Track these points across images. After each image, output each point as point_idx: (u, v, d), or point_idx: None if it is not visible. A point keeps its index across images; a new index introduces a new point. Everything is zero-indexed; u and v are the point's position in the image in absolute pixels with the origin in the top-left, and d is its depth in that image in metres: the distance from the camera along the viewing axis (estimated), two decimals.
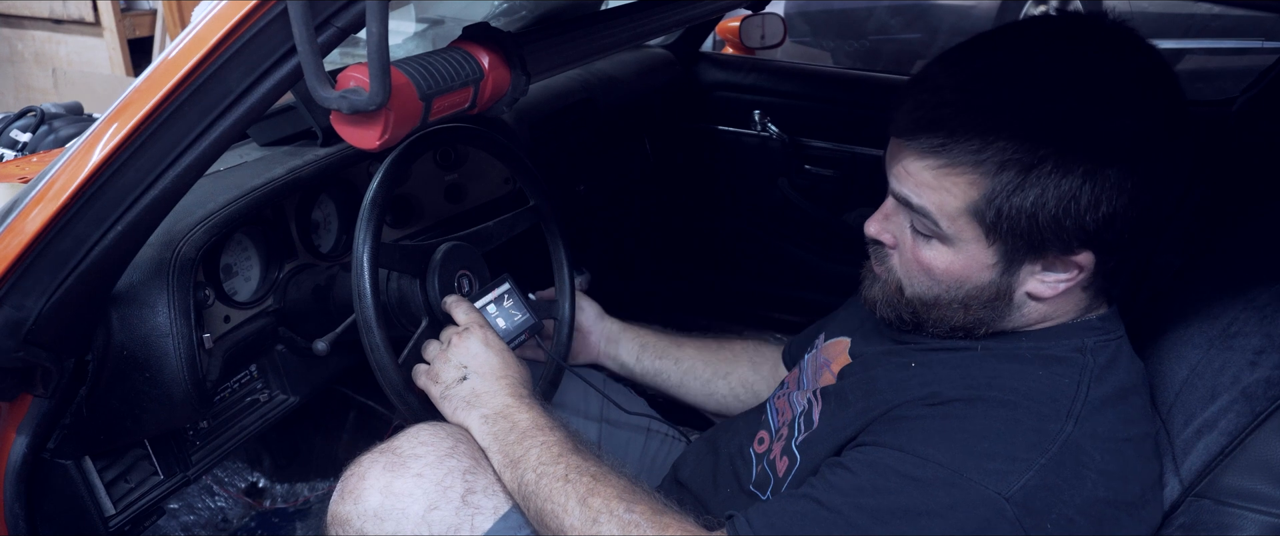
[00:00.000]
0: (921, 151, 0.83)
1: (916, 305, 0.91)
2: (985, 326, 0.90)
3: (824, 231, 2.21)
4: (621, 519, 0.87)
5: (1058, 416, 0.80)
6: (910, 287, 0.91)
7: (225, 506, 1.71)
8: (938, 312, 0.90)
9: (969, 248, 0.85)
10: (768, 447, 1.04)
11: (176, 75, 0.76)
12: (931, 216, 0.84)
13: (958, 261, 0.86)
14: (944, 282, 0.88)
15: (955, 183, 0.82)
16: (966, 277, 0.87)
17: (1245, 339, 0.86)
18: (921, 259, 0.88)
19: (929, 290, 0.90)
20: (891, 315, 0.95)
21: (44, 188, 0.84)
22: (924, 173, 0.83)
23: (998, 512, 0.77)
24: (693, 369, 1.32)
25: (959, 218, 0.83)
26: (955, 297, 0.88)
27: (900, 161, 0.86)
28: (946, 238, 0.85)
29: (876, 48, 4.27)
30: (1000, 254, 0.84)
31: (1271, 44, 3.50)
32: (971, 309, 0.88)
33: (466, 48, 0.91)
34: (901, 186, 0.87)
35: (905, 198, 0.86)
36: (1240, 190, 1.43)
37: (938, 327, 0.91)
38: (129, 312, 0.98)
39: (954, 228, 0.84)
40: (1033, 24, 0.88)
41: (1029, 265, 0.85)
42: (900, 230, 0.91)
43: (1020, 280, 0.86)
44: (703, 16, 1.91)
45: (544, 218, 1.29)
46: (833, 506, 0.82)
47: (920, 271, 0.89)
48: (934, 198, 0.83)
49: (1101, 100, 0.78)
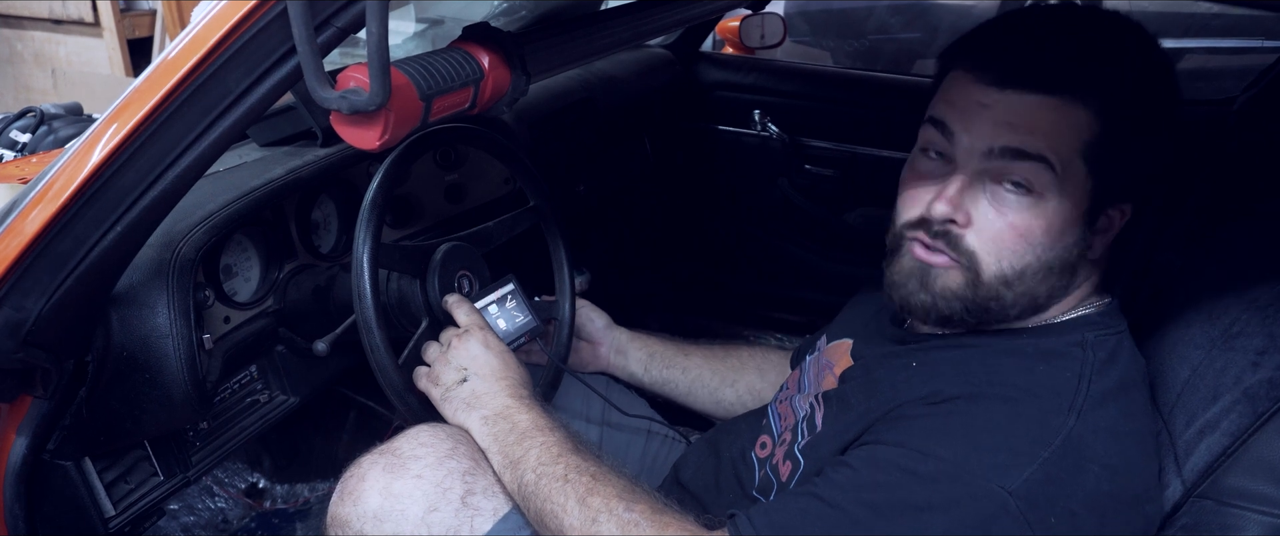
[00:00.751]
0: (1033, 92, 0.83)
1: (998, 286, 0.87)
2: (1053, 298, 0.90)
3: (824, 231, 2.20)
4: (621, 518, 0.87)
5: (1060, 410, 0.80)
6: (996, 264, 0.86)
7: (225, 507, 1.71)
8: (1022, 286, 0.87)
9: (1073, 194, 0.85)
10: (770, 452, 1.04)
11: (176, 75, 0.75)
12: (1049, 160, 0.83)
13: (1060, 213, 0.85)
14: (1041, 244, 0.86)
15: (1074, 119, 0.83)
16: (1063, 232, 0.86)
17: (1247, 339, 0.86)
18: (1017, 223, 0.85)
19: (1021, 259, 0.86)
20: (958, 308, 0.89)
21: (43, 188, 0.84)
22: (1038, 112, 0.83)
23: (1001, 507, 0.76)
24: (700, 377, 1.32)
25: (1073, 159, 0.84)
26: (1046, 261, 0.86)
27: (998, 112, 0.84)
28: (1051, 187, 0.84)
29: (876, 47, 4.26)
30: (1093, 200, 0.86)
31: (1272, 43, 3.49)
32: (1053, 274, 0.87)
33: (466, 48, 0.91)
34: (1005, 138, 0.84)
35: (1017, 147, 0.83)
36: (1241, 189, 1.43)
37: (1015, 307, 0.88)
38: (129, 313, 0.98)
39: (1067, 172, 0.84)
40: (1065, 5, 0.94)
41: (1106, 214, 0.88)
42: (975, 204, 0.87)
43: (1094, 236, 0.89)
44: (703, 16, 1.91)
45: (544, 218, 1.29)
46: (835, 503, 0.82)
47: (1014, 238, 0.86)
48: (1050, 141, 0.83)
49: (1166, 61, 0.87)
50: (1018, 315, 0.89)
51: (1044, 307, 0.90)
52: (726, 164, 2.26)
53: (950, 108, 0.88)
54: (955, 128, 0.87)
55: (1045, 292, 0.89)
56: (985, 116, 0.85)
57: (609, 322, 1.35)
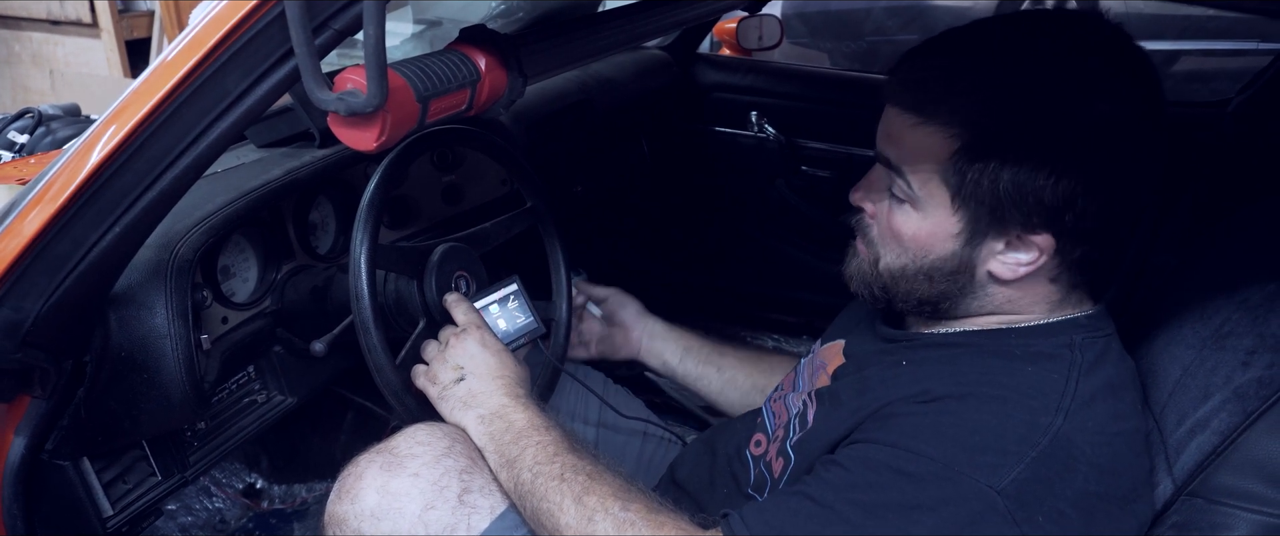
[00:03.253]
0: (903, 108, 0.88)
1: (886, 278, 0.94)
2: (950, 303, 0.92)
3: (821, 232, 2.21)
4: (617, 517, 0.87)
5: (1047, 410, 0.81)
6: (884, 259, 0.94)
7: (223, 507, 1.71)
8: (905, 285, 0.93)
9: (936, 213, 0.88)
10: (764, 450, 1.04)
11: (175, 77, 0.76)
12: (905, 174, 0.88)
13: (924, 227, 0.89)
14: (911, 250, 0.91)
15: (929, 141, 0.85)
16: (932, 246, 0.90)
17: (1238, 339, 0.87)
18: (893, 225, 0.92)
19: (898, 259, 0.93)
20: (866, 291, 0.98)
21: (42, 189, 0.84)
22: (902, 129, 0.88)
23: (990, 506, 0.77)
24: (734, 379, 1.34)
25: (930, 179, 0.87)
26: (921, 267, 0.91)
27: (885, 122, 0.91)
28: (917, 201, 0.89)
29: (873, 49, 4.27)
30: (964, 222, 0.87)
31: (1266, 45, 3.50)
32: (935, 281, 0.91)
33: (463, 50, 0.91)
34: (883, 146, 0.91)
35: (886, 156, 0.91)
36: (1235, 191, 1.43)
37: (906, 302, 0.94)
38: (127, 314, 0.98)
39: (924, 190, 0.87)
40: (1029, 14, 0.92)
41: (991, 241, 0.87)
42: (880, 199, 0.94)
43: (981, 257, 0.88)
44: (701, 18, 1.91)
45: (541, 219, 1.29)
46: (826, 502, 0.82)
47: (892, 238, 0.93)
48: (909, 155, 0.88)
49: (1077, 87, 0.82)
50: (917, 308, 0.95)
51: (947, 311, 0.94)
52: (723, 165, 2.27)
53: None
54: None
55: (932, 295, 0.92)
56: (881, 124, 0.92)
57: (641, 309, 1.39)
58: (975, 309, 0.93)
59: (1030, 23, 0.89)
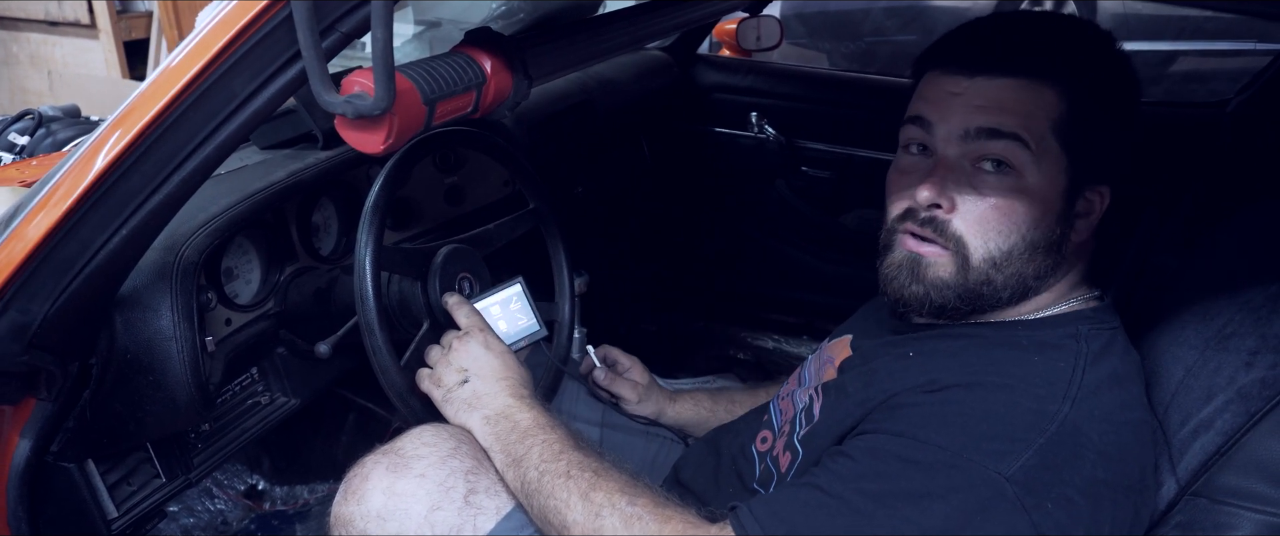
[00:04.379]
0: (1002, 76, 0.88)
1: (987, 269, 0.90)
2: (1041, 280, 0.92)
3: (821, 233, 2.21)
4: (624, 512, 0.87)
5: (1055, 397, 0.81)
6: (984, 246, 0.90)
7: (225, 509, 1.71)
8: (1011, 268, 0.90)
9: (1049, 171, 0.89)
10: (770, 445, 1.04)
11: (181, 81, 0.76)
12: (1022, 138, 0.87)
13: (1038, 190, 0.89)
14: (1023, 223, 0.89)
15: (1042, 98, 0.87)
16: (1044, 210, 0.89)
17: (1240, 339, 0.87)
18: (998, 203, 0.89)
19: (1005, 240, 0.90)
20: (951, 297, 0.92)
21: (47, 194, 0.84)
22: (1006, 95, 0.88)
23: (998, 492, 0.77)
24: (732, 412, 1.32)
25: (1046, 137, 0.88)
26: (1030, 241, 0.90)
27: (969, 98, 0.90)
28: (1028, 165, 0.88)
29: (872, 49, 4.28)
30: (1071, 177, 0.89)
31: (1265, 46, 3.51)
32: (1037, 254, 0.90)
33: (469, 52, 0.91)
34: (978, 119, 0.89)
35: (992, 127, 0.88)
36: (1234, 191, 1.44)
37: (1006, 288, 0.91)
38: (133, 316, 0.99)
39: (1041, 149, 0.88)
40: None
41: (1084, 195, 0.91)
42: (959, 189, 0.91)
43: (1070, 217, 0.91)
44: (704, 19, 1.91)
45: (544, 220, 1.29)
46: (835, 493, 0.82)
47: (997, 218, 0.89)
48: (1021, 119, 0.87)
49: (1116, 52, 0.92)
50: (1009, 300, 0.92)
51: (1034, 291, 0.93)
52: (723, 166, 2.27)
53: (925, 103, 0.94)
54: (932, 118, 0.92)
55: (1033, 274, 0.91)
56: (958, 103, 0.90)
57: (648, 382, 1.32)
58: (1052, 285, 0.93)
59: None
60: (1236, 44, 3.64)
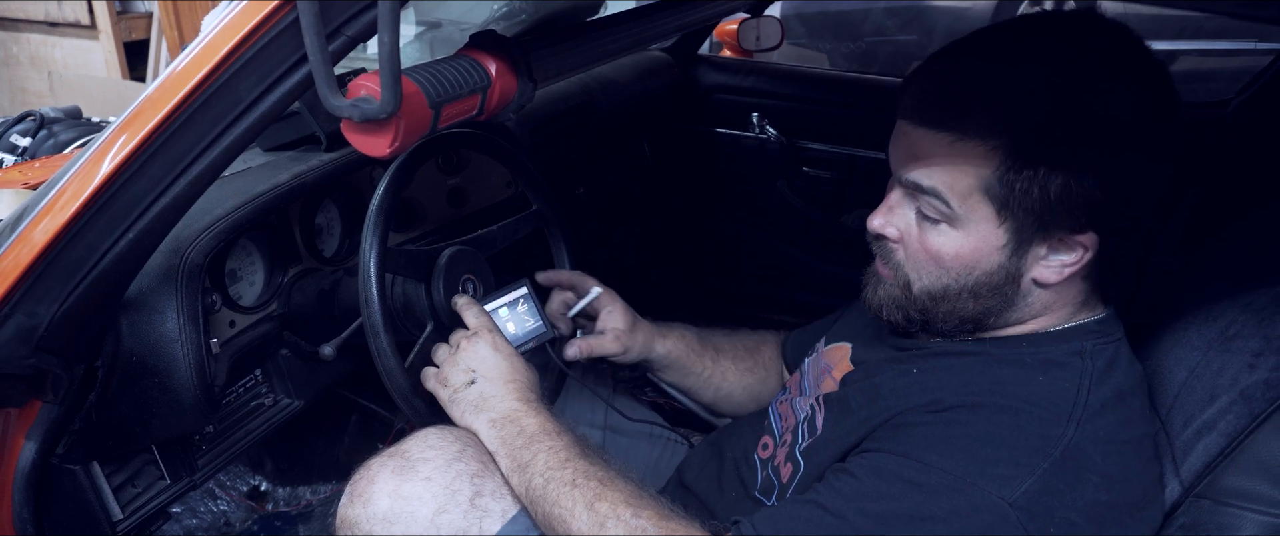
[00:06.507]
0: (933, 129, 0.85)
1: (925, 301, 0.92)
2: (994, 317, 0.90)
3: (822, 233, 2.22)
4: (628, 523, 0.88)
5: (1059, 421, 0.81)
6: (919, 282, 0.92)
7: (227, 510, 1.71)
8: (947, 305, 0.91)
9: (979, 228, 0.86)
10: (772, 453, 1.05)
11: (187, 85, 0.76)
12: (943, 196, 0.85)
13: (968, 244, 0.87)
14: (954, 270, 0.89)
15: (968, 159, 0.83)
16: (976, 262, 0.88)
17: (1243, 341, 0.88)
18: (929, 247, 0.89)
19: (938, 281, 0.90)
20: (899, 317, 0.95)
21: (53, 197, 0.84)
22: (935, 150, 0.85)
23: (1001, 517, 0.78)
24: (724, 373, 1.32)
25: (971, 195, 0.85)
26: (965, 285, 0.89)
27: (907, 144, 0.88)
28: (956, 219, 0.86)
29: (873, 50, 4.28)
30: (1010, 233, 0.85)
31: (1265, 45, 3.52)
32: (980, 297, 0.89)
33: (474, 55, 0.92)
34: (909, 170, 0.88)
35: (915, 181, 0.87)
36: (1237, 192, 1.44)
37: (947, 322, 0.92)
38: (138, 319, 0.99)
39: (965, 207, 0.85)
40: (1033, 17, 0.91)
41: (1036, 247, 0.86)
42: (905, 222, 0.91)
43: (1027, 264, 0.87)
44: (706, 20, 1.92)
45: (547, 222, 1.30)
46: (837, 512, 0.83)
47: (929, 260, 0.90)
48: (946, 177, 0.85)
49: (1104, 83, 0.81)
50: (957, 328, 0.92)
51: (990, 325, 0.92)
52: (725, 166, 2.27)
53: (893, 134, 0.92)
54: (889, 153, 0.92)
55: (980, 311, 0.90)
56: (901, 146, 0.90)
57: (629, 326, 1.26)
58: (1015, 319, 0.91)
59: (1036, 26, 0.88)
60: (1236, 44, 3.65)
